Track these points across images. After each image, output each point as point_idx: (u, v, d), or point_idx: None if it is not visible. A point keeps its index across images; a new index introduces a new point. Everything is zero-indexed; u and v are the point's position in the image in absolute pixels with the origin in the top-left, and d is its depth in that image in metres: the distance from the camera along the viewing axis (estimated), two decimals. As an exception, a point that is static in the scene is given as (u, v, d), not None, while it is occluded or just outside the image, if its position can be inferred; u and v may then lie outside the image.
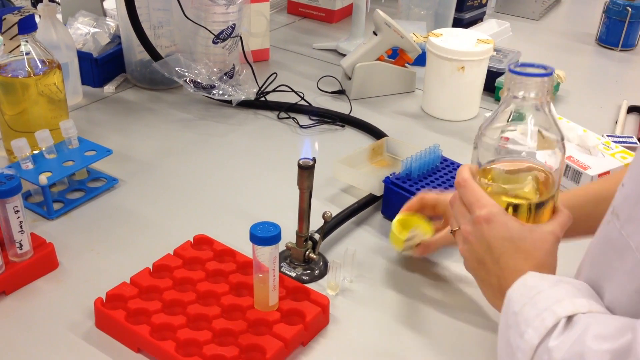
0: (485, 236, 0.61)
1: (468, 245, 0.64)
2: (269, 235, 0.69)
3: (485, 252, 0.62)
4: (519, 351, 0.53)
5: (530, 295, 0.55)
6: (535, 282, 0.57)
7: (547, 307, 0.53)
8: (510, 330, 0.55)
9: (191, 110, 1.24)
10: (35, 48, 0.96)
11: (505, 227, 0.60)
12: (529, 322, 0.54)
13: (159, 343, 0.68)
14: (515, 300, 0.56)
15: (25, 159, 0.91)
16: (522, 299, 0.56)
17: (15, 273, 0.78)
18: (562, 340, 0.51)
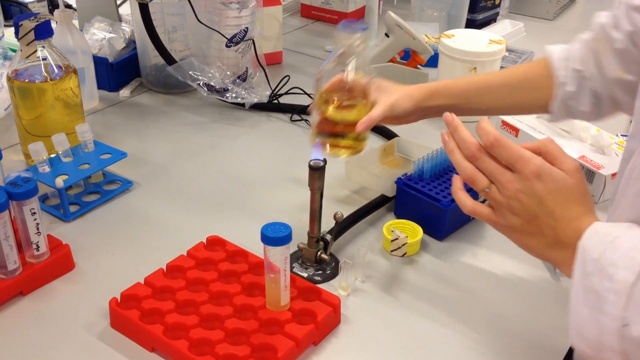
0: (537, 191, 0.60)
1: (516, 202, 0.61)
2: (280, 236, 0.69)
3: (538, 207, 0.60)
4: (611, 293, 0.53)
5: (608, 240, 0.55)
6: (608, 229, 0.57)
7: (633, 247, 0.53)
8: (592, 277, 0.54)
9: (205, 113, 1.25)
10: (51, 53, 0.98)
11: (553, 179, 0.60)
12: (616, 264, 0.53)
13: (173, 342, 0.69)
14: (593, 248, 0.56)
15: (42, 162, 0.93)
16: (600, 246, 0.55)
17: (32, 274, 0.79)
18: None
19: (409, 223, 0.90)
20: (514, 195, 0.61)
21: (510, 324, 0.77)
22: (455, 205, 0.89)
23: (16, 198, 0.74)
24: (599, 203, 1.01)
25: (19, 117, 1.00)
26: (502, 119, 1.15)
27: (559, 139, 1.08)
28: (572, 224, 0.59)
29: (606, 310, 0.53)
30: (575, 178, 0.60)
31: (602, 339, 0.54)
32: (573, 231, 0.59)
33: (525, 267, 0.87)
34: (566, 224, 0.60)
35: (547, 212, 0.60)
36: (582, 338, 0.56)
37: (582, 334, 0.56)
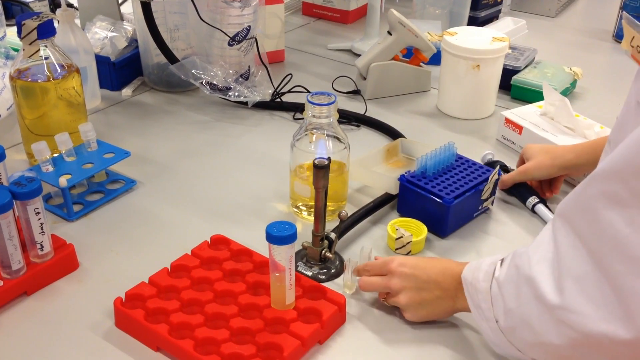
0: (408, 273, 0.75)
1: (404, 291, 0.75)
2: (285, 235, 0.69)
3: (416, 281, 0.74)
4: (482, 302, 0.66)
5: (476, 266, 0.69)
6: (477, 261, 0.70)
7: (489, 262, 0.68)
8: (473, 296, 0.68)
9: (207, 112, 1.25)
10: (54, 53, 0.98)
11: (409, 259, 0.77)
12: (479, 279, 0.67)
13: (178, 342, 0.69)
14: (467, 275, 0.70)
15: (46, 161, 0.92)
16: (470, 272, 0.69)
17: (36, 274, 0.79)
18: (502, 269, 0.65)
19: (413, 221, 0.90)
20: (400, 287, 0.75)
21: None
22: (458, 202, 0.89)
23: (20, 198, 0.74)
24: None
25: (21, 117, 1.00)
26: (506, 116, 1.14)
27: (563, 137, 1.08)
28: (446, 272, 0.73)
29: (487, 317, 0.66)
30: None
31: (499, 340, 0.65)
32: (451, 277, 0.72)
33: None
34: (441, 275, 0.73)
35: (424, 279, 0.74)
36: (496, 347, 0.68)
37: (493, 344, 0.68)
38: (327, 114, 0.88)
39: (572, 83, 1.33)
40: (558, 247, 0.57)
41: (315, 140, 0.90)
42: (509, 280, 0.63)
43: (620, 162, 0.52)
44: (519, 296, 0.60)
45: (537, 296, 0.58)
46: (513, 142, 1.14)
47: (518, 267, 0.61)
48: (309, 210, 0.93)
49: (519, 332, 0.62)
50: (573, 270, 0.55)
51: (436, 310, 0.75)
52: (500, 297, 0.63)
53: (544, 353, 0.61)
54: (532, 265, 0.59)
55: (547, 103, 1.14)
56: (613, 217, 0.52)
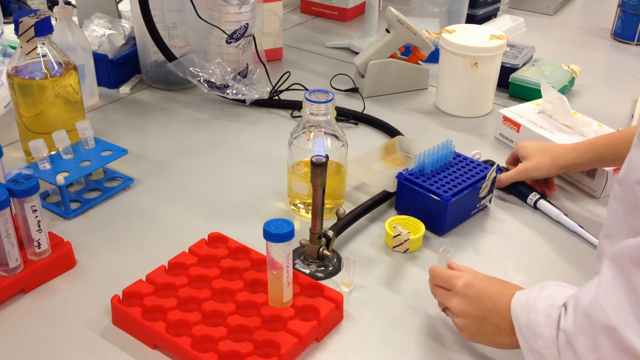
0: (473, 297, 0.69)
1: (464, 315, 0.70)
2: (283, 232, 0.69)
3: (480, 308, 0.69)
4: (546, 349, 0.60)
5: (529, 305, 0.63)
6: (527, 294, 0.65)
7: (547, 304, 0.62)
8: (530, 340, 0.62)
9: (205, 109, 1.25)
10: (51, 50, 0.98)
11: (480, 280, 0.71)
12: (540, 324, 0.61)
13: (175, 339, 0.69)
14: (520, 316, 0.64)
15: (43, 159, 0.92)
16: (524, 312, 0.64)
17: (33, 271, 0.79)
18: (567, 317, 0.59)
19: (411, 219, 0.90)
20: (461, 309, 0.70)
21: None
22: (456, 200, 0.89)
23: (17, 195, 0.74)
24: (601, 198, 1.01)
25: (19, 114, 1.00)
26: (503, 114, 1.14)
27: (560, 134, 1.08)
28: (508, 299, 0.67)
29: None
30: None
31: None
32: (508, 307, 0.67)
33: (524, 262, 0.87)
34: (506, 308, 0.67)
35: (490, 308, 0.68)
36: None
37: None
38: (325, 112, 0.88)
39: (570, 81, 1.33)
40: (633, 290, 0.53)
41: (313, 137, 0.89)
42: (581, 332, 0.57)
43: None
44: (598, 349, 0.55)
45: (623, 348, 0.53)
46: (511, 140, 1.14)
47: (590, 316, 0.56)
48: (307, 208, 0.93)
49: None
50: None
51: (494, 341, 0.69)
52: (570, 351, 0.58)
53: None
54: (608, 313, 0.54)
55: (545, 101, 1.14)
56: None
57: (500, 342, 0.69)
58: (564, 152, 0.97)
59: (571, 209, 0.98)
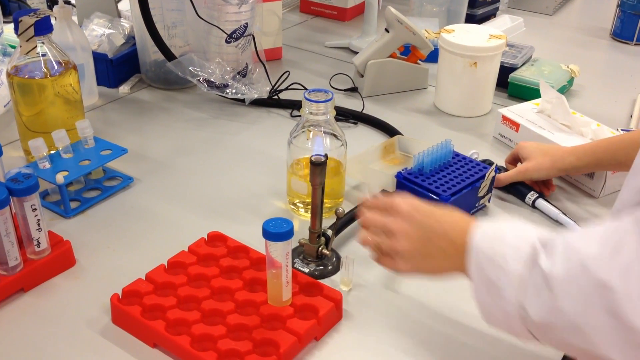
0: (418, 220, 0.68)
1: (408, 238, 0.68)
2: (282, 231, 0.69)
3: (426, 230, 0.67)
4: (505, 283, 0.58)
5: (497, 235, 0.61)
6: (493, 226, 0.63)
7: (517, 237, 0.59)
8: (487, 271, 0.60)
9: (205, 109, 1.25)
10: (51, 49, 0.98)
11: (424, 204, 0.69)
12: (506, 256, 0.58)
13: (175, 338, 0.69)
14: (483, 245, 0.61)
15: (43, 158, 0.92)
16: (489, 242, 0.61)
17: (33, 270, 0.79)
18: (553, 258, 0.55)
19: None
20: (405, 233, 0.68)
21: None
22: (455, 200, 0.89)
23: (17, 194, 0.74)
24: (600, 198, 1.01)
25: (18, 114, 1.00)
26: (503, 114, 1.15)
27: (559, 134, 1.08)
28: (459, 226, 0.65)
29: (505, 297, 0.58)
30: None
31: (508, 320, 0.59)
32: (463, 232, 0.64)
33: (526, 261, 0.87)
34: (455, 226, 0.65)
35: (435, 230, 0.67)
36: (489, 318, 0.62)
37: (488, 315, 0.62)
38: (324, 111, 0.88)
39: (569, 81, 1.33)
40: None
41: (312, 137, 0.90)
42: (571, 280, 0.53)
43: None
44: (585, 301, 0.52)
45: (614, 312, 0.50)
46: (510, 140, 1.14)
47: (587, 267, 0.53)
48: (306, 207, 0.93)
49: (560, 333, 0.55)
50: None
51: (435, 266, 0.67)
52: (545, 290, 0.55)
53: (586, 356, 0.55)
54: (613, 275, 0.51)
55: (544, 100, 1.14)
56: None
57: (442, 268, 0.67)
58: (563, 155, 0.97)
59: (570, 209, 0.98)
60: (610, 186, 1.00)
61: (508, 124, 1.14)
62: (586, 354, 0.55)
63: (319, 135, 0.90)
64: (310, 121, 0.89)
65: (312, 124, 0.89)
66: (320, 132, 0.90)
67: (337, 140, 0.91)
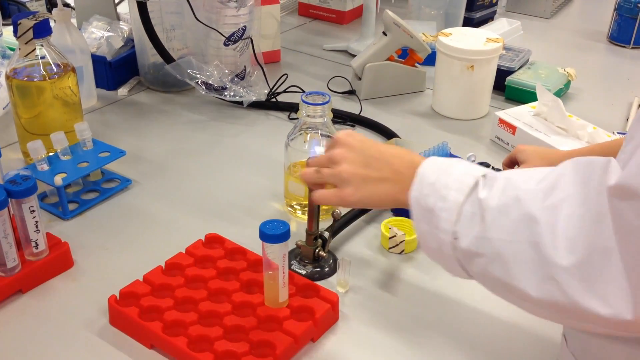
0: (356, 145, 0.68)
1: (348, 161, 0.68)
2: (278, 233, 0.70)
3: (364, 154, 0.68)
4: (443, 211, 0.58)
5: (443, 167, 0.61)
6: (443, 160, 0.63)
7: (463, 172, 0.59)
8: (428, 198, 0.60)
9: (203, 111, 1.25)
10: (50, 52, 0.98)
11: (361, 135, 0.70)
12: (449, 186, 0.59)
13: (172, 339, 0.70)
14: (429, 174, 0.61)
15: (41, 160, 0.93)
16: (435, 172, 0.61)
17: (31, 272, 0.80)
18: (491, 191, 0.56)
19: (407, 220, 0.91)
20: (343, 157, 0.68)
21: (508, 318, 0.78)
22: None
23: (15, 196, 0.75)
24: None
25: (17, 116, 1.01)
26: (499, 117, 1.15)
27: (556, 137, 1.08)
28: (405, 158, 0.66)
29: (440, 226, 0.58)
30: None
31: (441, 249, 0.59)
32: (409, 164, 0.64)
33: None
34: (400, 160, 0.66)
35: (374, 155, 0.67)
36: (426, 248, 0.62)
37: (425, 245, 0.62)
38: (321, 114, 0.88)
39: (565, 84, 1.34)
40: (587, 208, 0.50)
41: (309, 139, 0.90)
42: (502, 211, 0.55)
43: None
44: (512, 232, 0.54)
45: (536, 244, 0.52)
46: (507, 143, 1.15)
47: (520, 200, 0.54)
48: (303, 209, 0.93)
49: (484, 262, 0.56)
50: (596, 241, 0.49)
51: (379, 192, 0.66)
52: (478, 220, 0.56)
53: (504, 291, 0.56)
54: (539, 207, 0.52)
55: (541, 104, 1.15)
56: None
57: (384, 194, 0.66)
58: (561, 158, 0.96)
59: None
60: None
61: (505, 126, 1.15)
62: (504, 287, 0.55)
63: (317, 138, 0.90)
64: (308, 124, 0.90)
65: (310, 127, 0.90)
66: (318, 135, 0.90)
67: None
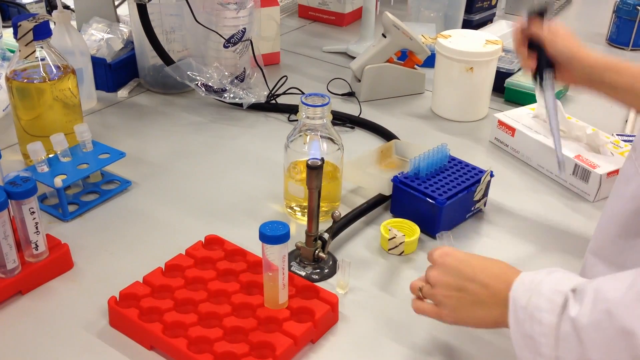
0: (451, 266, 0.67)
1: (442, 285, 0.67)
2: (278, 234, 0.70)
3: (459, 277, 0.66)
4: (542, 336, 0.56)
5: (532, 287, 0.59)
6: (532, 277, 0.61)
7: (552, 289, 0.57)
8: (525, 324, 0.58)
9: (203, 113, 1.26)
10: (50, 54, 0.98)
11: (459, 252, 0.68)
12: (541, 308, 0.57)
13: (171, 340, 0.70)
14: (520, 297, 0.59)
15: (41, 162, 0.93)
16: (526, 294, 0.59)
17: (31, 273, 0.80)
18: (582, 307, 0.54)
19: (406, 222, 0.91)
20: (438, 281, 0.67)
21: (507, 322, 0.78)
22: (451, 203, 0.90)
23: (15, 197, 0.75)
24: (595, 202, 1.01)
25: (17, 118, 1.01)
26: (499, 119, 1.15)
27: (555, 139, 1.08)
28: (501, 278, 0.63)
29: (542, 352, 0.56)
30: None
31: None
32: (505, 284, 0.62)
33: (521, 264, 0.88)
34: (495, 280, 0.64)
35: (469, 277, 0.65)
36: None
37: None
38: (321, 115, 0.88)
39: (565, 86, 1.34)
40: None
41: (309, 141, 0.90)
42: (597, 328, 0.53)
43: None
44: (610, 349, 0.52)
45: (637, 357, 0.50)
46: (506, 145, 1.15)
47: (611, 314, 0.52)
48: (303, 211, 0.93)
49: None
50: None
51: (476, 316, 0.65)
52: (576, 341, 0.54)
53: None
54: (633, 318, 0.50)
55: (540, 105, 1.15)
56: None
57: (482, 317, 0.65)
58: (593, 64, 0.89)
59: (564, 211, 0.99)
60: (605, 190, 1.01)
61: (504, 128, 1.15)
62: None
63: (316, 140, 0.90)
64: (307, 125, 0.90)
65: (309, 128, 0.90)
66: (317, 136, 0.90)
67: (334, 144, 0.91)
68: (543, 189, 1.05)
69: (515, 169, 1.10)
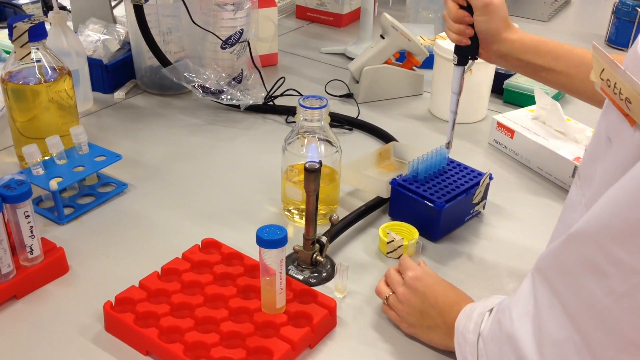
0: (418, 290, 0.73)
1: (407, 304, 0.74)
2: (276, 238, 0.69)
3: (423, 302, 0.73)
4: (470, 355, 0.63)
5: (468, 314, 0.67)
6: (472, 305, 0.68)
7: (479, 312, 0.65)
8: (462, 347, 0.65)
9: (200, 115, 1.25)
10: (45, 55, 0.98)
11: (430, 277, 0.74)
12: (469, 330, 0.64)
13: (168, 346, 0.69)
14: (459, 324, 0.67)
15: (36, 164, 0.92)
16: (463, 320, 0.67)
17: (26, 277, 0.79)
18: (486, 323, 0.62)
19: (405, 225, 0.90)
20: (405, 300, 0.74)
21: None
22: (449, 206, 0.89)
23: (10, 201, 0.74)
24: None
25: (12, 120, 1.00)
26: (498, 120, 1.15)
27: (554, 141, 1.08)
28: (454, 308, 0.70)
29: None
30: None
31: None
32: (456, 313, 0.69)
33: (518, 268, 0.87)
34: (449, 309, 0.70)
35: (431, 304, 0.72)
36: None
37: None
38: (319, 118, 0.88)
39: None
40: (538, 305, 0.54)
41: (306, 143, 0.90)
42: (492, 338, 0.60)
43: (595, 224, 0.47)
44: (502, 356, 0.57)
45: (519, 357, 0.54)
46: (505, 146, 1.14)
47: (500, 323, 0.58)
48: (301, 214, 0.93)
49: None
50: (553, 334, 0.51)
51: (430, 337, 0.73)
52: (484, 355, 0.61)
53: None
54: (513, 322, 0.56)
55: (539, 107, 1.15)
56: (591, 285, 0.48)
57: (434, 339, 0.72)
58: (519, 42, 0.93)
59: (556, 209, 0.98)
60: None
61: (503, 130, 1.14)
62: None
63: (314, 142, 0.90)
64: (305, 127, 0.89)
65: (307, 131, 0.89)
66: (315, 139, 0.90)
67: (332, 146, 0.91)
68: (542, 192, 1.04)
69: (515, 171, 1.10)
